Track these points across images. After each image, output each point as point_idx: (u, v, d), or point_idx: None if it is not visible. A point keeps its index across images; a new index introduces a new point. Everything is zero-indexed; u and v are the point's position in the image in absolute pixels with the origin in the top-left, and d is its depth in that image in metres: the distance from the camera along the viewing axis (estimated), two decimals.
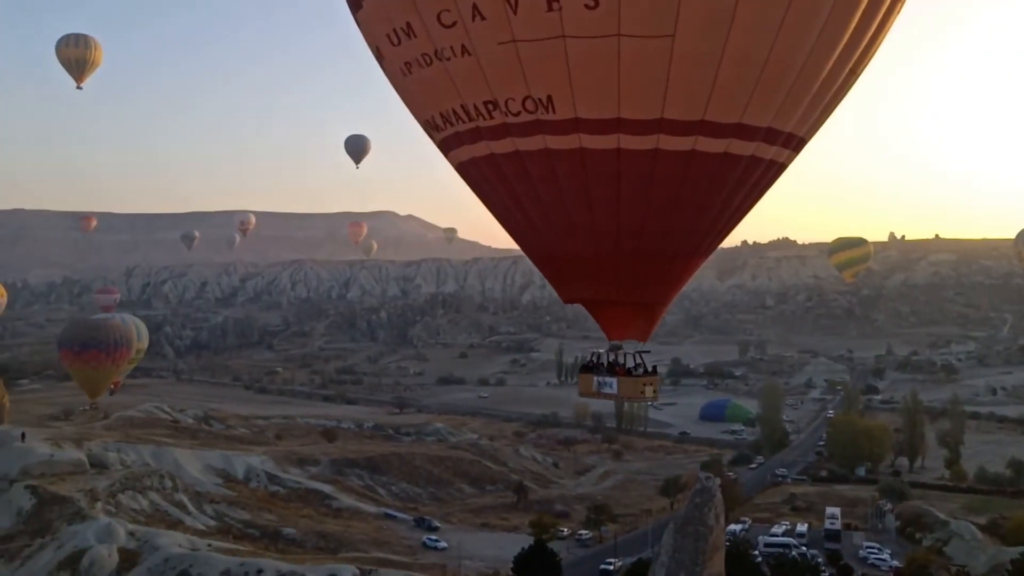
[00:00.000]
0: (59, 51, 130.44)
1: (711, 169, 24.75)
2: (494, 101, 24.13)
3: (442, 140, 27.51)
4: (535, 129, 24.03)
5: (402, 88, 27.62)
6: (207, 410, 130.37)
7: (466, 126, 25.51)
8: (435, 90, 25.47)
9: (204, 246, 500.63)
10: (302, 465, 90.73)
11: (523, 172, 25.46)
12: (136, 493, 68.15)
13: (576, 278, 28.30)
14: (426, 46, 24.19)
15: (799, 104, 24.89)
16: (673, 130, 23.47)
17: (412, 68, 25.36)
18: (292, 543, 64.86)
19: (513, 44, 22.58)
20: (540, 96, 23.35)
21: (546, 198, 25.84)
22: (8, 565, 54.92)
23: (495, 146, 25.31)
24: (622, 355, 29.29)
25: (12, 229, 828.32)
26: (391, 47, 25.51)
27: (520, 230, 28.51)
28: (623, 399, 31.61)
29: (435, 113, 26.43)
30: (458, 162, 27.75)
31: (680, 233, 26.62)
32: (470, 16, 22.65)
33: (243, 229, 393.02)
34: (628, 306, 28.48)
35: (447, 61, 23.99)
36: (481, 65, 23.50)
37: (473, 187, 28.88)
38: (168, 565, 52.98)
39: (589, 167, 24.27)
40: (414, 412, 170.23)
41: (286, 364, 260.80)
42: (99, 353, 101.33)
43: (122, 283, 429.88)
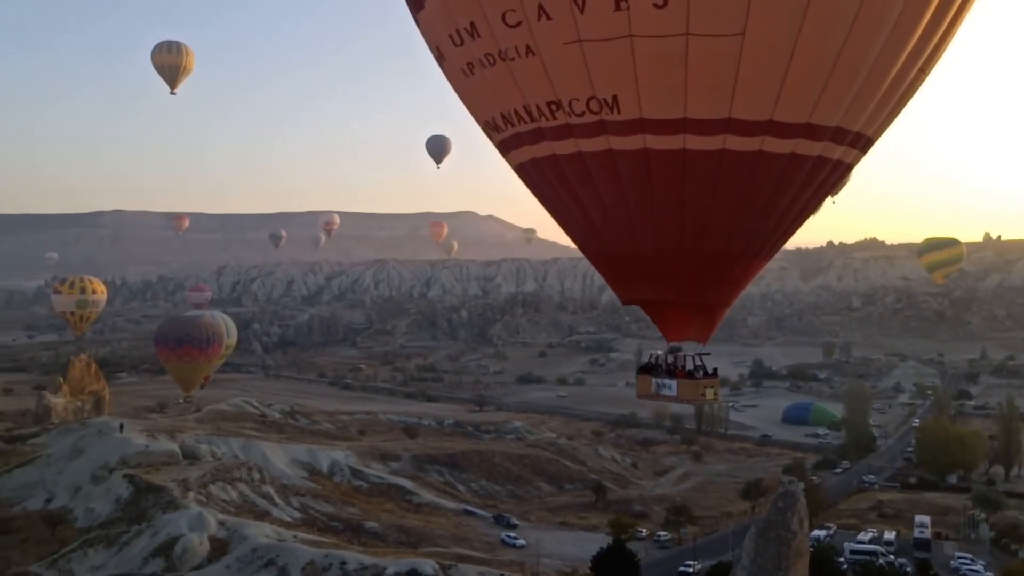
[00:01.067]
0: (154, 58, 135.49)
1: (778, 170, 24.44)
2: (557, 101, 24.13)
3: (502, 141, 27.57)
4: (599, 130, 23.97)
5: (463, 89, 27.72)
6: (293, 405, 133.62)
7: (528, 127, 25.55)
8: (497, 90, 25.56)
9: (291, 246, 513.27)
10: (384, 461, 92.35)
11: (585, 173, 25.38)
12: (226, 484, 70.41)
13: (636, 279, 28.10)
14: (490, 46, 24.29)
15: (868, 103, 24.41)
16: (740, 130, 23.21)
17: (474, 68, 25.50)
18: (374, 536, 66.17)
19: (579, 44, 22.55)
20: (605, 96, 23.28)
21: (608, 199, 25.75)
22: (108, 550, 57.46)
23: (557, 147, 25.30)
24: (681, 357, 29.08)
25: (112, 229, 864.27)
26: (453, 47, 25.66)
27: (580, 230, 28.53)
28: (682, 402, 30.88)
29: (496, 114, 26.50)
30: (518, 163, 27.85)
31: (744, 234, 26.30)
32: (536, 16, 22.69)
33: (328, 229, 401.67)
34: (688, 308, 28.29)
35: (511, 61, 24.07)
36: (545, 65, 23.52)
37: (532, 187, 28.87)
38: (256, 555, 54.66)
39: (653, 168, 24.12)
40: (494, 410, 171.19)
41: (369, 361, 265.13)
42: (192, 349, 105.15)
43: (213, 281, 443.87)
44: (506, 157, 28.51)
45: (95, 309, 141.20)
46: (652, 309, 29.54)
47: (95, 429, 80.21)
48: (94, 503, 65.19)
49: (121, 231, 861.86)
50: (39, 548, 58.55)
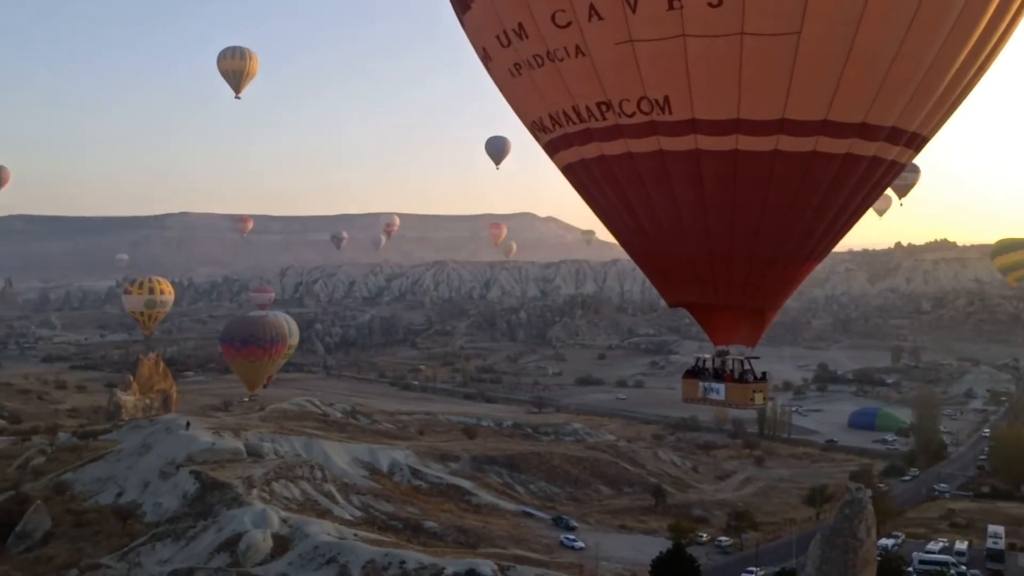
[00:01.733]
0: (220, 63, 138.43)
1: (832, 171, 23.99)
2: (607, 102, 23.93)
3: (550, 141, 27.39)
4: (649, 130, 23.74)
5: (510, 89, 27.60)
6: (354, 405, 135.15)
7: (576, 127, 25.36)
8: (545, 91, 25.41)
9: (352, 247, 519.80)
10: (443, 461, 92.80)
11: (634, 174, 25.17)
12: (288, 482, 71.49)
13: (684, 281, 27.76)
14: (538, 47, 24.16)
15: (925, 102, 23.80)
16: (794, 131, 22.83)
17: (522, 69, 25.39)
18: (433, 536, 66.50)
19: (630, 44, 22.34)
20: (656, 97, 23.05)
21: (657, 200, 25.48)
22: (175, 544, 58.79)
23: (606, 147, 25.09)
24: (729, 361, 28.71)
25: (179, 231, 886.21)
26: (500, 48, 25.59)
27: (627, 232, 28.20)
28: (730, 406, 30.44)
29: (544, 114, 26.34)
30: (565, 163, 27.60)
31: (796, 236, 25.87)
32: (586, 16, 22.52)
33: (388, 231, 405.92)
34: (737, 311, 27.85)
35: (559, 62, 23.91)
36: (595, 66, 23.33)
37: (580, 188, 28.63)
38: (317, 552, 55.36)
39: (705, 169, 23.83)
40: (553, 412, 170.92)
41: (429, 362, 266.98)
42: (257, 349, 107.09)
43: (276, 282, 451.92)
44: (553, 158, 28.40)
45: (163, 309, 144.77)
46: (699, 312, 29.18)
47: (163, 426, 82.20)
48: (162, 498, 66.76)
49: (188, 233, 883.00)
50: (110, 541, 60.21)
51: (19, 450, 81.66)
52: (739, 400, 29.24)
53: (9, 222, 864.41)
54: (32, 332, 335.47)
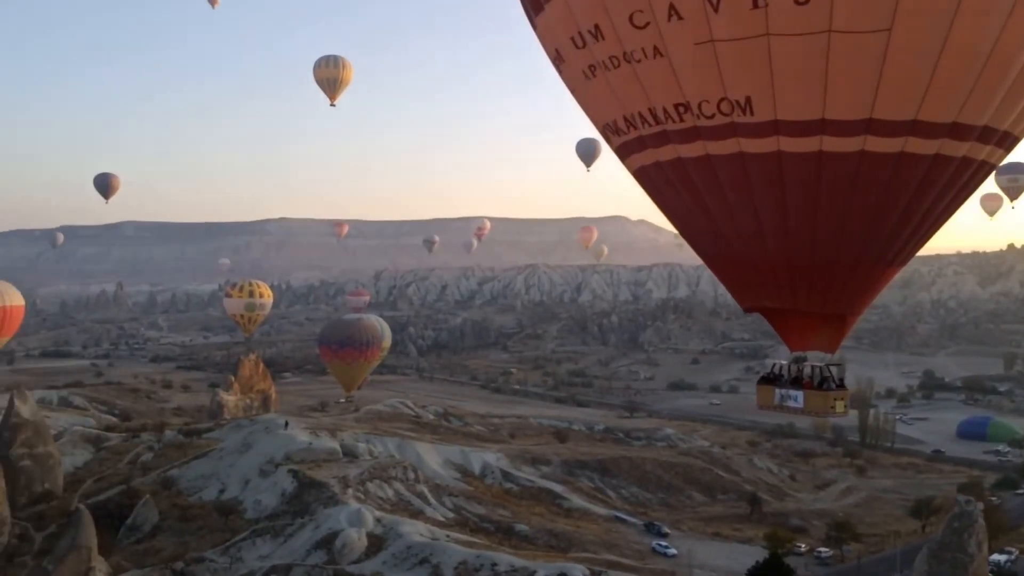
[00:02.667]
0: (316, 72, 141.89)
1: (920, 172, 23.15)
2: (686, 104, 23.53)
3: (623, 144, 26.99)
4: (729, 132, 23.27)
5: (583, 92, 27.29)
6: (447, 407, 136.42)
7: (652, 129, 24.98)
8: (621, 93, 25.08)
9: (445, 251, 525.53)
10: (535, 464, 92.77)
11: (712, 177, 24.69)
12: (382, 482, 72.59)
13: (761, 286, 27.08)
14: (614, 48, 23.88)
15: (1020, 100, 22.68)
16: (882, 131, 22.08)
17: (596, 71, 25.09)
18: (524, 539, 66.48)
19: (711, 44, 21.95)
20: (737, 98, 22.58)
21: (735, 203, 24.96)
22: (274, 540, 60.37)
23: (683, 150, 24.65)
24: (807, 367, 27.91)
25: (278, 236, 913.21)
26: (574, 50, 25.34)
27: (701, 235, 27.69)
28: (809, 414, 29.65)
29: (618, 117, 26.01)
30: (639, 166, 27.16)
31: (881, 240, 25.03)
32: (666, 16, 22.19)
33: (479, 234, 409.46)
34: (817, 316, 26.99)
35: (636, 63, 23.60)
36: (674, 67, 22.98)
37: (652, 192, 28.17)
38: (410, 552, 56.02)
39: (787, 171, 23.26)
40: (644, 416, 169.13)
41: (520, 365, 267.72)
42: (353, 351, 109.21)
43: (371, 285, 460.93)
44: (625, 161, 28.01)
45: (262, 312, 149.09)
46: (776, 317, 28.46)
47: (263, 426, 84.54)
48: (261, 495, 68.64)
49: (287, 238, 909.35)
50: (213, 536, 62.20)
51: (129, 446, 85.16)
52: (819, 408, 28.53)
53: (121, 228, 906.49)
54: (141, 333, 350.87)
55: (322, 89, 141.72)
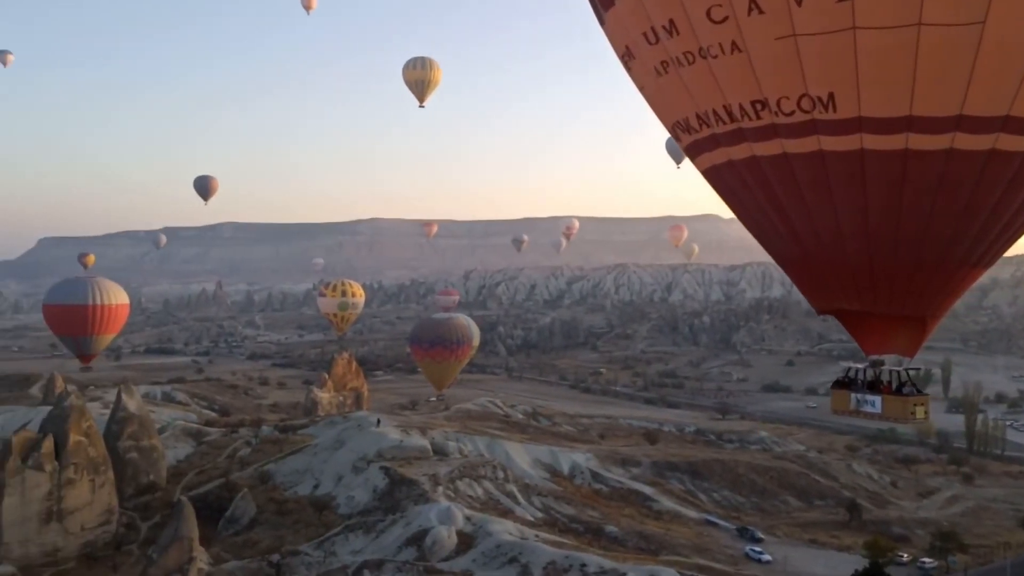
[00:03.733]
0: (405, 73, 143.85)
1: (1012, 170, 22.00)
2: (763, 100, 22.84)
3: (694, 142, 26.35)
4: (809, 129, 22.53)
5: (653, 89, 26.71)
6: (536, 406, 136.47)
7: (726, 127, 24.35)
8: (695, 90, 24.49)
9: (534, 251, 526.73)
10: (624, 465, 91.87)
11: (789, 175, 23.95)
12: (472, 481, 72.96)
13: (838, 288, 26.19)
14: (690, 44, 23.35)
15: None
16: (972, 128, 21.08)
17: (669, 67, 24.56)
18: (614, 541, 65.84)
19: (793, 39, 21.25)
20: (819, 94, 21.83)
21: (813, 203, 24.18)
22: (366, 536, 61.30)
23: (758, 148, 23.95)
24: (885, 371, 27.09)
25: (370, 236, 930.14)
26: (646, 46, 24.85)
27: (775, 236, 26.87)
28: (887, 420, 28.74)
29: (691, 114, 25.40)
30: (711, 164, 26.48)
31: (967, 240, 23.93)
32: (745, 11, 21.55)
33: (567, 234, 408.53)
34: (896, 319, 25.99)
35: (713, 59, 23.03)
36: (752, 62, 22.33)
37: (724, 190, 27.47)
38: (499, 551, 56.07)
39: (869, 170, 22.43)
40: (737, 419, 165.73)
41: (609, 365, 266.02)
42: (444, 349, 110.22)
43: (461, 285, 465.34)
44: (696, 159, 27.40)
45: (354, 311, 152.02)
46: (852, 320, 27.49)
47: (355, 423, 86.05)
48: (354, 492, 69.81)
49: (378, 238, 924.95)
50: (308, 530, 63.57)
51: (228, 441, 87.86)
52: (898, 414, 27.80)
53: (220, 229, 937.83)
54: (239, 332, 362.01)
55: (411, 90, 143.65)
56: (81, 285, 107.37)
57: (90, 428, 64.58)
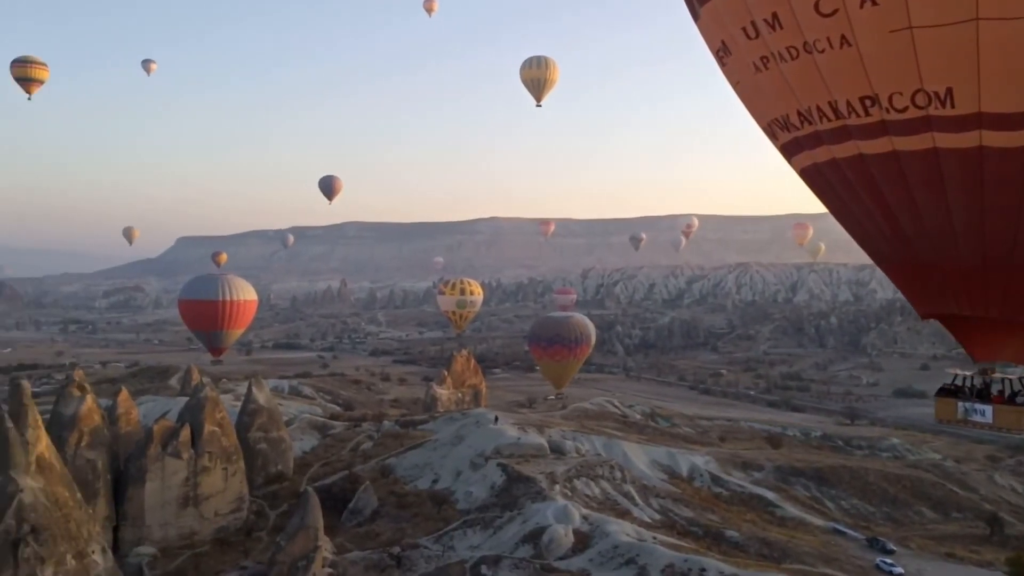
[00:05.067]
0: (522, 73, 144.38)
1: None
2: (873, 96, 21.62)
3: (793, 140, 25.20)
4: (923, 127, 21.27)
5: (750, 85, 25.66)
6: (653, 407, 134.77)
7: (830, 125, 23.21)
8: (797, 86, 23.42)
9: (652, 249, 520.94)
10: (746, 469, 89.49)
11: (898, 174, 22.67)
12: (589, 480, 72.48)
13: (947, 291, 24.76)
14: (794, 38, 22.33)
15: None
16: None
17: (769, 63, 23.57)
18: (735, 546, 64.08)
19: (909, 31, 20.01)
20: (936, 89, 20.53)
21: (924, 203, 22.91)
22: (483, 532, 61.73)
23: (866, 146, 22.73)
24: (996, 379, 25.78)
25: (489, 234, 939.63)
26: (746, 41, 23.93)
27: (879, 237, 25.53)
28: (999, 430, 26.93)
29: (791, 111, 24.31)
30: (810, 163, 25.31)
31: None
32: (857, 3, 20.47)
33: (686, 232, 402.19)
34: (1009, 324, 24.33)
35: (819, 54, 21.95)
36: (863, 57, 21.16)
37: (823, 190, 26.27)
38: (616, 552, 55.42)
39: (988, 168, 21.04)
40: (867, 424, 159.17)
41: (730, 366, 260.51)
42: (562, 348, 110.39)
43: (578, 283, 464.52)
44: (793, 158, 26.22)
45: (473, 309, 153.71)
46: (959, 325, 26.05)
47: (473, 419, 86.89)
48: (472, 487, 70.44)
49: (497, 236, 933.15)
50: (427, 524, 64.53)
51: (351, 435, 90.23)
52: (1011, 424, 26.34)
53: (344, 228, 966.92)
54: (362, 328, 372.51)
55: (528, 89, 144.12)
56: (212, 282, 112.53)
57: (223, 419, 67.43)
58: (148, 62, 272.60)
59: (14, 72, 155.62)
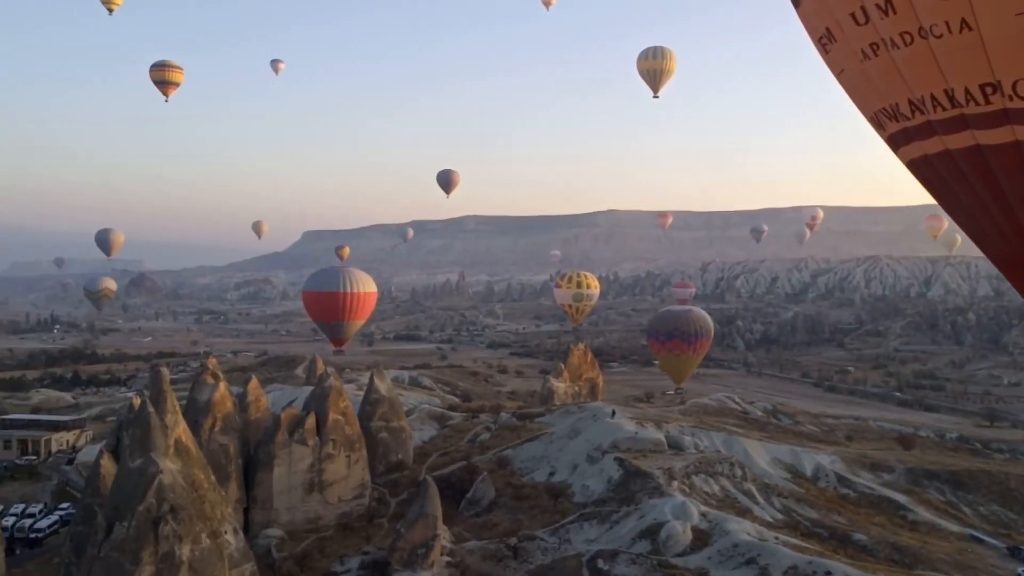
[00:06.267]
0: (639, 63, 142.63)
1: None
2: (995, 84, 20.16)
3: (902, 131, 23.77)
4: None
5: (855, 73, 24.24)
6: (775, 404, 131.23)
7: (946, 114, 21.75)
8: (909, 74, 22.02)
9: (775, 242, 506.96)
10: (874, 471, 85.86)
11: (1019, 166, 21.22)
12: (708, 477, 71.03)
13: None
14: (908, 23, 21.00)
15: None
16: None
17: (879, 49, 22.25)
18: (862, 550, 61.60)
19: None
20: None
21: None
22: (600, 526, 61.41)
23: (984, 136, 21.28)
24: None
25: (607, 228, 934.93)
26: (854, 27, 22.63)
27: (997, 235, 23.87)
28: None
29: (901, 100, 22.90)
30: (920, 155, 23.83)
31: None
32: None
33: (811, 224, 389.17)
34: None
35: (936, 39, 20.61)
36: (984, 42, 19.75)
37: (934, 183, 24.67)
38: (737, 551, 54.11)
39: None
40: (1008, 427, 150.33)
41: (857, 364, 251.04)
42: (681, 342, 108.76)
43: (697, 277, 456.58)
44: (900, 149, 24.85)
45: (589, 302, 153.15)
46: None
47: (590, 413, 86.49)
48: (588, 481, 70.17)
49: (614, 229, 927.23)
50: (543, 516, 64.65)
51: (469, 426, 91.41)
52: None
53: (463, 222, 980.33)
54: (480, 321, 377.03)
55: (645, 81, 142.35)
56: (334, 274, 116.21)
57: (346, 408, 69.37)
58: (276, 62, 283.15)
59: (152, 76, 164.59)
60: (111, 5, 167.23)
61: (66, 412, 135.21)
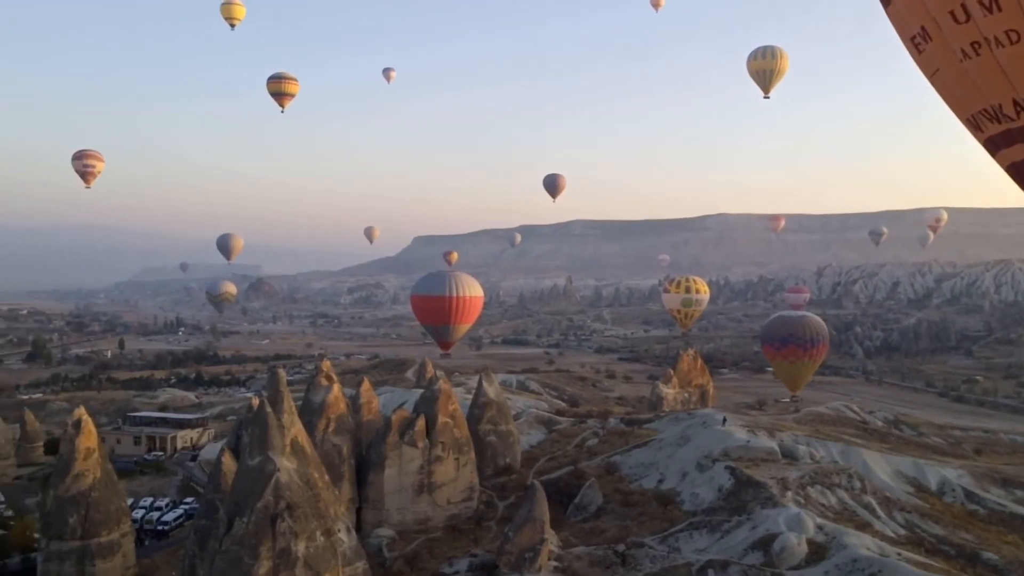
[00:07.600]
0: (750, 64, 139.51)
1: None
2: None
3: (1004, 133, 22.36)
4: None
5: (952, 74, 22.75)
6: (897, 414, 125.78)
7: None
8: (1014, 73, 20.78)
9: (897, 245, 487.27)
10: (1006, 486, 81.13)
11: None
12: (824, 488, 68.55)
13: None
14: (1015, 20, 19.82)
15: None
16: None
17: (980, 48, 20.93)
18: (992, 570, 58.22)
19: None
20: None
21: None
22: (710, 535, 60.05)
23: None
24: None
25: (717, 232, 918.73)
26: (952, 25, 21.37)
27: None
28: None
29: (1005, 100, 21.53)
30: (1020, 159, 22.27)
31: None
32: None
33: (934, 227, 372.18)
34: None
35: None
36: None
37: None
38: (856, 566, 51.98)
39: None
40: None
41: (987, 373, 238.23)
42: (797, 349, 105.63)
43: (812, 282, 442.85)
44: (1000, 153, 23.38)
45: (699, 307, 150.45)
46: None
47: (700, 420, 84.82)
48: (698, 489, 68.74)
49: (725, 233, 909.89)
50: (652, 523, 63.71)
51: (577, 431, 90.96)
52: None
53: (570, 227, 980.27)
54: (587, 325, 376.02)
55: (755, 81, 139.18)
56: (441, 278, 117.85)
57: (455, 411, 70.06)
58: (388, 70, 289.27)
59: (269, 88, 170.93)
60: (233, 21, 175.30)
61: (190, 411, 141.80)
